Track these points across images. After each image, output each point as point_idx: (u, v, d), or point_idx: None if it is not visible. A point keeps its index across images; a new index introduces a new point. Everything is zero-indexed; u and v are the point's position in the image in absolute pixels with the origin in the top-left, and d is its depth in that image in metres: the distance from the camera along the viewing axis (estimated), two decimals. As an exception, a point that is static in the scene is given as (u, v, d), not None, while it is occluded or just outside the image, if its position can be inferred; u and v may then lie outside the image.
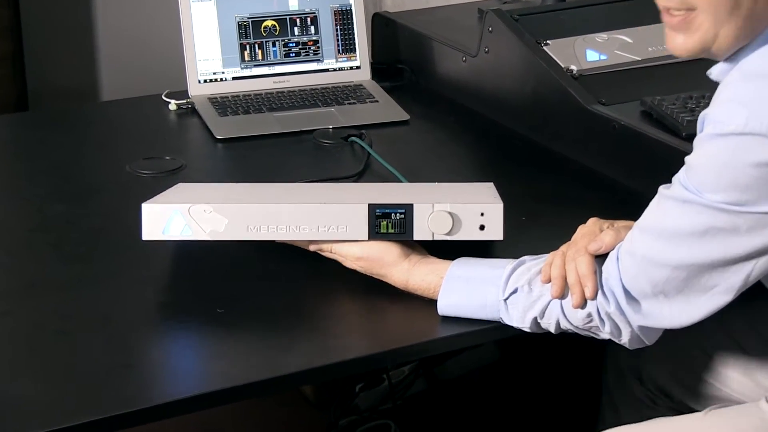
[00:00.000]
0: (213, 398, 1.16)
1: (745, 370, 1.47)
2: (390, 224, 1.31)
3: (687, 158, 1.14)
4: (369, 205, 1.30)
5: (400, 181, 1.55)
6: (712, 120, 1.11)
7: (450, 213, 1.31)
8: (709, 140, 1.11)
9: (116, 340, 1.25)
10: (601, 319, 1.22)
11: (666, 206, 1.16)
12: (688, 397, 1.54)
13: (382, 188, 1.47)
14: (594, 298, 1.21)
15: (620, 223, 1.29)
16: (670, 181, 1.18)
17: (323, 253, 1.34)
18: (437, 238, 1.31)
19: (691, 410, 1.50)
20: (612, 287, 1.20)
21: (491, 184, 1.47)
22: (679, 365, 1.53)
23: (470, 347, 2.09)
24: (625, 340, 1.23)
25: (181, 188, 1.48)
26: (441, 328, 1.29)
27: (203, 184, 1.55)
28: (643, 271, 1.18)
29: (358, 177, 1.66)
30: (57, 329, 1.27)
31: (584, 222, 1.31)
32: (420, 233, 1.31)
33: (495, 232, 1.31)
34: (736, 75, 1.13)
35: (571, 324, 1.24)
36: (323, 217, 1.30)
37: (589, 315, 1.22)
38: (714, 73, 1.20)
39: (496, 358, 2.17)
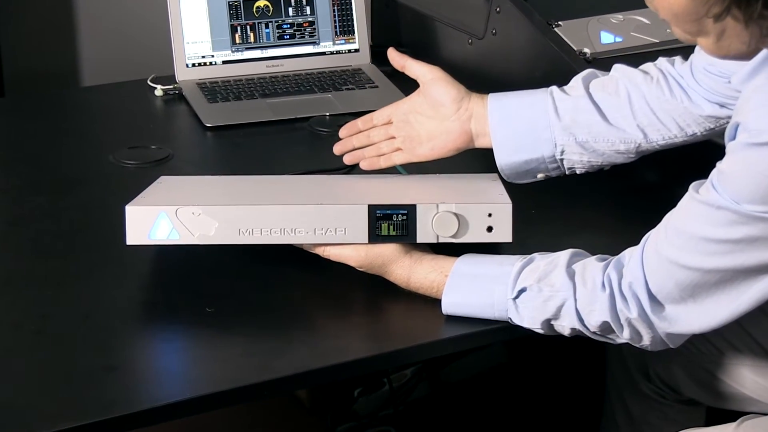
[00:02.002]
0: (201, 403, 1.16)
1: (758, 368, 1.47)
2: (391, 226, 1.31)
3: (719, 164, 1.14)
4: (369, 206, 1.30)
5: (400, 174, 1.55)
6: (746, 128, 1.10)
7: (456, 214, 1.30)
8: (744, 149, 1.10)
9: (98, 340, 1.25)
10: (620, 325, 1.21)
11: (698, 211, 1.15)
12: (699, 394, 1.55)
13: (382, 183, 1.47)
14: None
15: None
16: (697, 176, 1.18)
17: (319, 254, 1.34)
18: (442, 240, 1.31)
19: (701, 406, 1.52)
20: (636, 291, 1.20)
21: (496, 176, 1.47)
22: (688, 362, 1.54)
23: (476, 349, 2.10)
24: (645, 344, 1.23)
25: (165, 183, 1.47)
26: (445, 328, 1.29)
27: (189, 178, 1.54)
28: (671, 274, 1.17)
29: (353, 168, 1.66)
30: (35, 329, 1.27)
31: (598, 216, 1.31)
32: (423, 236, 1.31)
33: (503, 233, 1.31)
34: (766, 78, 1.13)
35: (587, 329, 1.24)
36: (320, 219, 1.30)
37: (607, 321, 1.21)
38: (739, 76, 1.19)
39: (503, 361, 2.17)
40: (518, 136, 1.44)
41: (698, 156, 1.24)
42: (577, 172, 1.46)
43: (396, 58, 1.51)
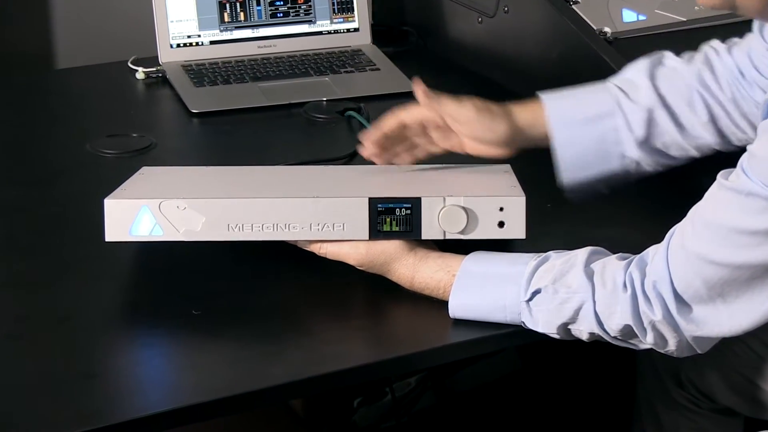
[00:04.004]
0: (187, 414, 1.17)
1: None
2: (394, 221, 1.31)
3: (750, 147, 1.14)
4: (370, 199, 1.31)
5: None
6: None
7: (464, 208, 1.31)
8: None
9: (75, 345, 1.26)
10: (643, 329, 1.22)
11: (726, 199, 1.16)
12: (736, 402, 1.55)
13: (384, 175, 1.47)
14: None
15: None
16: (724, 165, 1.18)
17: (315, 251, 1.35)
18: (449, 237, 1.32)
19: (738, 416, 1.52)
20: (661, 291, 1.20)
21: (508, 167, 1.47)
22: (723, 367, 1.54)
23: (486, 355, 2.10)
24: (671, 349, 1.23)
25: (146, 175, 1.48)
26: (452, 332, 1.29)
27: (173, 169, 1.55)
28: (698, 271, 1.17)
29: (353, 157, 1.67)
30: (7, 333, 1.28)
31: (619, 210, 1.31)
32: (429, 231, 1.32)
33: (516, 229, 1.32)
34: None
35: (607, 334, 1.24)
36: (316, 214, 1.31)
37: (629, 325, 1.22)
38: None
39: (516, 368, 2.17)
40: (586, 155, 1.44)
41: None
42: (645, 175, 1.48)
43: (424, 99, 1.44)
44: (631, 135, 1.43)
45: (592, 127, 1.44)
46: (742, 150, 1.15)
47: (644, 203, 1.55)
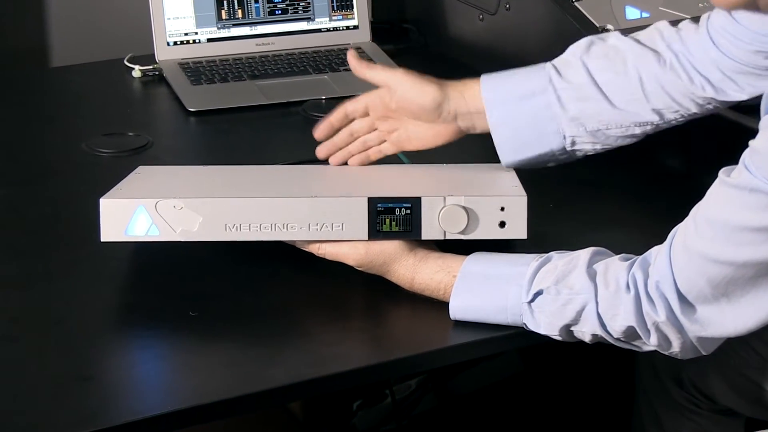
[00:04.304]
0: (184, 417, 1.17)
1: None
2: (394, 221, 1.31)
3: (752, 142, 1.14)
4: (369, 199, 1.31)
5: (403, 163, 1.55)
6: None
7: (464, 208, 1.31)
8: None
9: (71, 347, 1.26)
10: (647, 330, 1.22)
11: (729, 195, 1.16)
12: (738, 403, 1.55)
13: (383, 174, 1.47)
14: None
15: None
16: (726, 163, 1.18)
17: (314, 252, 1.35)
18: (449, 237, 1.32)
19: (739, 416, 1.52)
20: (664, 291, 1.20)
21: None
22: (725, 367, 1.54)
23: (487, 357, 2.10)
24: (675, 351, 1.23)
25: (143, 174, 1.48)
26: (453, 334, 1.29)
27: (170, 168, 1.55)
28: (701, 270, 1.17)
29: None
30: (3, 334, 1.28)
31: (622, 211, 1.30)
32: (429, 231, 1.32)
33: (518, 229, 1.32)
34: None
35: (610, 335, 1.24)
36: (315, 213, 1.31)
37: (632, 326, 1.22)
38: None
39: (518, 370, 2.17)
40: (522, 133, 1.44)
41: (729, 141, 1.25)
42: (589, 154, 1.47)
43: (356, 65, 1.49)
44: (564, 112, 1.43)
45: (525, 103, 1.44)
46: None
47: (647, 204, 1.55)
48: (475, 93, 1.45)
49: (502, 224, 1.32)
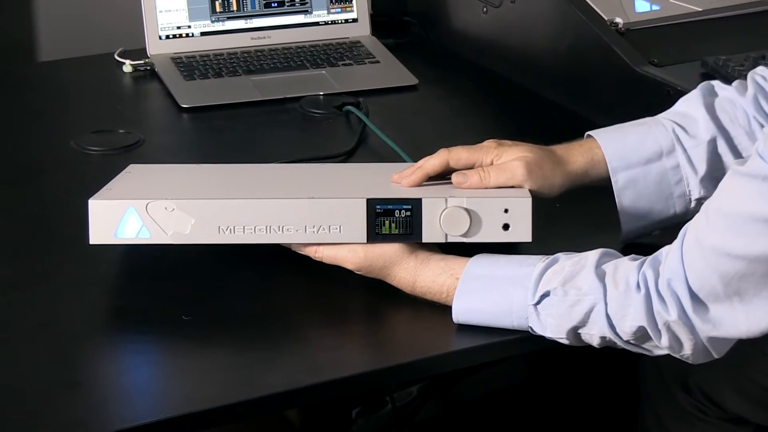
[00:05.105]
0: (177, 425, 1.16)
1: None
2: (393, 223, 1.31)
3: (766, 129, 1.14)
4: (368, 200, 1.31)
5: (405, 162, 1.55)
6: None
7: (467, 210, 1.31)
8: None
9: (59, 353, 1.25)
10: (658, 331, 1.22)
11: (741, 185, 1.16)
12: (747, 410, 1.55)
13: (383, 174, 1.47)
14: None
15: (511, 153, 1.35)
16: (742, 156, 1.18)
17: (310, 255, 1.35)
18: (451, 239, 1.32)
19: (749, 424, 1.51)
20: (675, 289, 1.20)
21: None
22: (734, 372, 1.54)
23: (492, 363, 2.10)
24: (687, 353, 1.23)
25: (134, 173, 1.48)
26: (456, 339, 1.29)
27: (162, 167, 1.55)
28: (714, 265, 1.17)
29: (351, 155, 1.66)
30: (-14, 340, 1.28)
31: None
32: (430, 234, 1.32)
33: (522, 232, 1.32)
34: None
35: (619, 338, 1.24)
36: (312, 215, 1.31)
37: (642, 326, 1.22)
38: None
39: (523, 376, 2.17)
40: (648, 196, 1.41)
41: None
42: None
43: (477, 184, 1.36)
44: (693, 172, 1.41)
45: (652, 166, 1.41)
46: None
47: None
48: (598, 159, 1.41)
49: (506, 227, 1.32)
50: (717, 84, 1.45)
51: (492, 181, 1.34)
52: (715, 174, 1.40)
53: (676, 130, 1.41)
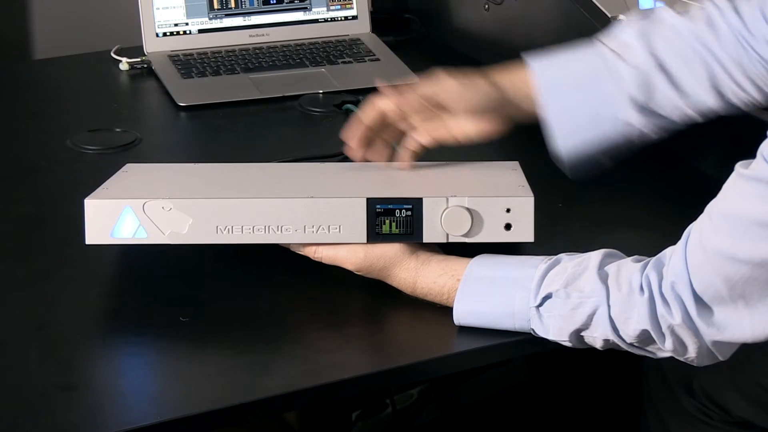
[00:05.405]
0: (174, 428, 1.16)
1: None
2: (394, 223, 1.31)
3: None
4: (368, 200, 1.31)
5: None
6: None
7: (468, 209, 1.31)
8: None
9: (54, 355, 1.25)
10: (662, 334, 1.22)
11: (746, 188, 1.16)
12: (753, 414, 1.55)
13: (384, 173, 1.47)
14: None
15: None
16: (749, 158, 1.18)
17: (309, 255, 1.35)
18: (452, 240, 1.32)
19: (754, 429, 1.51)
20: (679, 292, 1.20)
21: (516, 164, 1.47)
22: (739, 376, 1.54)
23: (493, 365, 2.10)
24: (691, 356, 1.23)
25: (130, 172, 1.48)
26: (457, 341, 1.29)
27: (159, 166, 1.55)
28: (718, 268, 1.17)
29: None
30: (-19, 342, 1.28)
31: (635, 211, 1.30)
32: (431, 234, 1.31)
33: (524, 232, 1.32)
34: None
35: (623, 340, 1.24)
36: (311, 215, 1.31)
37: (646, 330, 1.22)
38: None
39: (525, 379, 2.18)
40: (578, 119, 1.43)
41: (745, 138, 1.24)
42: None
43: (394, 95, 1.46)
44: (625, 97, 1.42)
45: (582, 90, 1.43)
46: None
47: (659, 204, 1.55)
48: (527, 80, 1.45)
49: (508, 226, 1.32)
50: (664, 10, 1.46)
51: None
52: (650, 103, 1.42)
53: (608, 55, 1.43)
